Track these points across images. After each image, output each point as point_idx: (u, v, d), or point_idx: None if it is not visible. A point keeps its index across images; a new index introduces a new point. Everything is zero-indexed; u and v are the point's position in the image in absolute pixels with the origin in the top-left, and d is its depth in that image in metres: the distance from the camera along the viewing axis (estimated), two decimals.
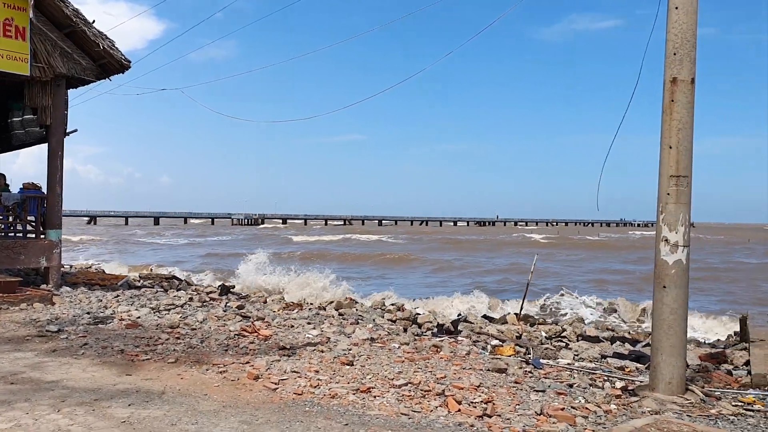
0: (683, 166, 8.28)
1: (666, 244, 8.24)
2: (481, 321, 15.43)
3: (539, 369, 9.50)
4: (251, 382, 7.92)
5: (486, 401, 7.34)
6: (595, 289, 28.96)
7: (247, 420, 6.38)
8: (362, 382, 7.96)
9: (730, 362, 10.81)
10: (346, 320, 13.45)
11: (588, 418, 7.06)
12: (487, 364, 9.45)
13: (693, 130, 8.40)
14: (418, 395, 7.50)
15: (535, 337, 13.44)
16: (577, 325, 15.73)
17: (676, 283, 8.17)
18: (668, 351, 8.11)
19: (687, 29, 8.34)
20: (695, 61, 8.41)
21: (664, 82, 8.45)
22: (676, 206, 8.25)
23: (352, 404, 7.08)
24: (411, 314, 15.71)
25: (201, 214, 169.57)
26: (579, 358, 11.04)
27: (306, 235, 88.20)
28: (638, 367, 10.24)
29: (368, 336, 11.04)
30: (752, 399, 8.20)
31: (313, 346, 10.02)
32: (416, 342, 11.09)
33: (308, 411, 6.76)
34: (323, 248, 60.04)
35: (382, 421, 6.50)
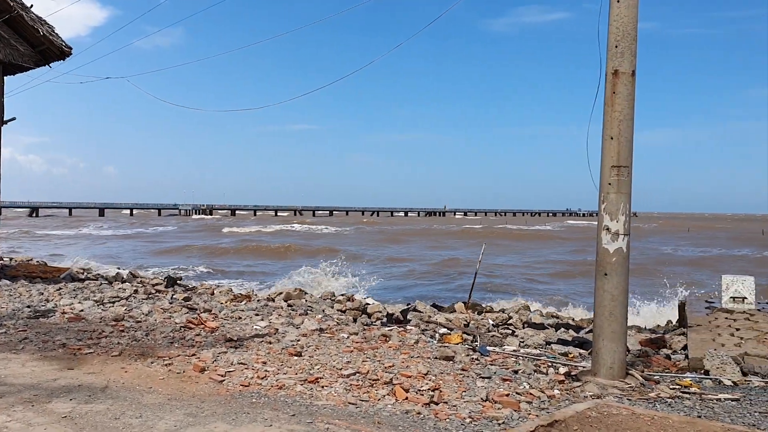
0: (624, 157, 8.49)
1: (607, 233, 8.44)
2: (430, 310, 15.56)
3: (486, 356, 9.65)
4: (197, 374, 7.84)
5: (433, 389, 7.42)
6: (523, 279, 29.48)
7: (192, 412, 6.32)
8: (310, 372, 7.96)
9: (669, 347, 11.18)
10: (294, 311, 13.41)
11: (532, 404, 7.20)
12: (435, 352, 9.54)
13: (633, 121, 8.61)
14: (366, 384, 7.54)
15: (482, 324, 13.64)
16: (523, 313, 16.02)
17: (617, 270, 8.39)
18: (609, 337, 8.33)
19: (628, 22, 8.53)
20: (636, 53, 8.61)
21: (606, 74, 8.64)
22: (617, 196, 8.46)
23: (299, 395, 7.07)
24: (361, 304, 15.74)
25: (148, 204, 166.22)
26: (524, 344, 11.25)
27: (242, 227, 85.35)
28: (581, 352, 10.49)
29: (317, 326, 11.03)
30: (689, 382, 8.50)
31: (261, 338, 9.97)
32: (365, 332, 11.13)
33: (255, 402, 6.73)
34: (250, 240, 56.48)
35: (330, 410, 6.51)
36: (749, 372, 9.04)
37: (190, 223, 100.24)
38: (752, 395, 8.01)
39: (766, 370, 9.02)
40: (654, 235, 71.43)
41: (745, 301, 12.27)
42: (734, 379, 8.67)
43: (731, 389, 8.31)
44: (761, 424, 6.69)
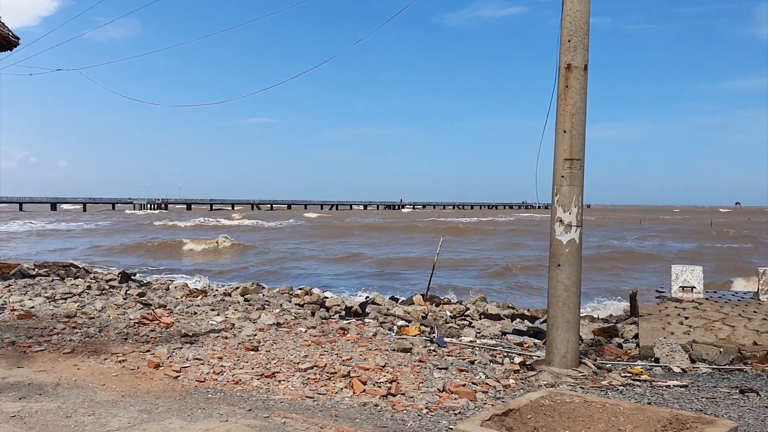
0: (576, 150, 8.64)
1: (560, 225, 8.59)
2: (388, 302, 15.60)
3: (443, 347, 9.73)
4: (152, 370, 7.73)
5: (391, 381, 7.46)
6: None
7: (147, 409, 6.24)
8: (267, 367, 7.92)
9: (621, 336, 11.44)
10: (251, 306, 13.31)
11: (488, 393, 7.31)
12: (392, 344, 9.58)
13: (586, 115, 8.76)
14: (323, 378, 7.54)
15: (440, 316, 13.72)
16: (480, 304, 16.17)
17: (570, 261, 8.54)
18: (563, 326, 8.48)
19: (581, 17, 8.67)
20: (588, 48, 8.76)
21: (559, 68, 8.76)
22: (569, 188, 8.60)
23: (256, 389, 7.04)
24: (319, 298, 15.70)
25: (101, 199, 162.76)
26: (481, 335, 11.37)
27: (181, 221, 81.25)
28: (536, 342, 10.66)
29: (274, 321, 10.98)
30: (640, 370, 8.72)
31: (216, 333, 9.87)
32: (323, 325, 11.12)
33: (211, 398, 6.68)
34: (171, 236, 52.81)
35: (287, 404, 6.49)
36: (697, 359, 9.32)
37: (120, 218, 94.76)
38: (700, 381, 8.27)
39: (713, 357, 9.31)
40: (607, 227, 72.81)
41: (693, 290, 12.61)
42: (683, 367, 8.93)
43: (680, 376, 8.56)
44: (708, 409, 6.91)
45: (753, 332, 9.90)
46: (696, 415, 5.28)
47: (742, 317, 10.77)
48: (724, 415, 6.65)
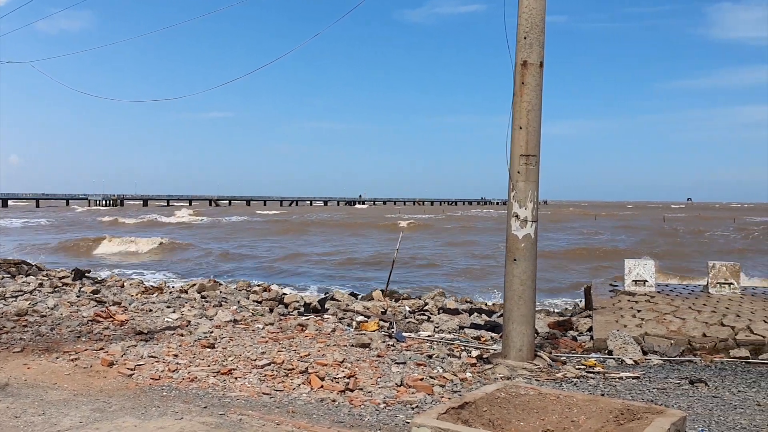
0: (532, 146, 8.74)
1: (516, 220, 8.69)
2: (348, 298, 15.58)
3: (402, 342, 9.77)
4: (105, 368, 7.60)
5: (349, 376, 7.46)
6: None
7: (99, 408, 6.12)
8: (223, 364, 7.85)
9: (576, 329, 11.63)
10: (208, 303, 13.17)
11: (445, 387, 7.36)
12: (351, 340, 9.59)
13: (541, 111, 8.88)
14: (281, 374, 7.50)
15: (399, 311, 13.77)
16: (439, 299, 16.28)
17: (525, 256, 8.65)
18: (518, 320, 8.59)
19: (536, 14, 8.77)
20: (544, 45, 8.87)
21: (515, 65, 8.86)
22: (525, 184, 8.71)
23: (212, 387, 6.97)
24: (278, 295, 15.60)
25: (56, 195, 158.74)
26: (439, 330, 11.45)
27: (132, 217, 78.54)
28: (493, 336, 10.78)
29: (231, 318, 10.88)
30: (593, 362, 8.89)
31: (172, 330, 9.74)
32: (281, 322, 11.06)
33: (165, 396, 6.58)
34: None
35: (243, 401, 6.44)
36: (649, 351, 9.53)
37: (69, 215, 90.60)
38: (651, 373, 8.47)
39: (664, 349, 9.54)
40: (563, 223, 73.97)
41: (646, 284, 12.89)
42: (635, 358, 9.13)
43: (632, 368, 8.75)
44: (658, 400, 7.08)
45: (702, 324, 10.17)
46: (646, 406, 5.40)
47: (692, 310, 11.05)
48: (674, 405, 6.82)
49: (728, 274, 12.81)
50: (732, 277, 12.78)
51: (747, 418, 6.44)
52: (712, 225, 67.63)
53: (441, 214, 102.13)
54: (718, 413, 6.61)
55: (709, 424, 6.20)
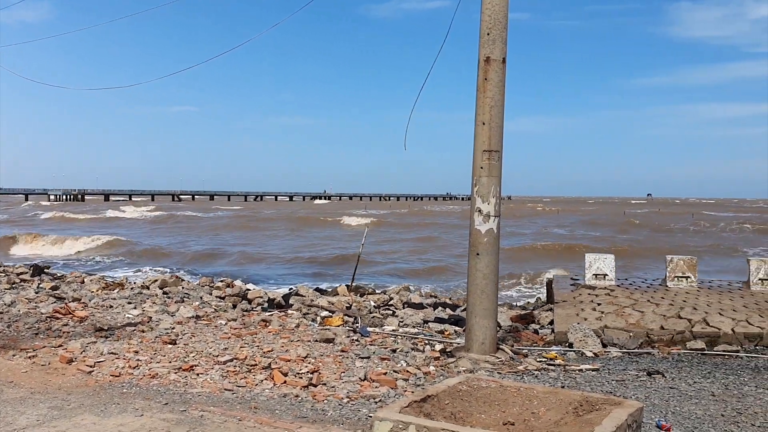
0: (495, 142, 8.82)
1: (479, 215, 8.76)
2: (312, 294, 15.54)
3: (366, 337, 9.79)
4: (64, 366, 7.46)
5: (312, 371, 7.45)
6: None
7: (58, 405, 6.01)
8: (185, 360, 7.77)
9: (538, 322, 11.78)
10: (170, 299, 13.00)
11: (408, 381, 7.39)
12: (315, 335, 9.57)
13: (504, 107, 8.95)
14: (243, 370, 7.45)
15: (364, 306, 13.78)
16: (404, 294, 16.34)
17: (488, 250, 8.73)
18: (481, 314, 8.67)
19: (499, 11, 8.83)
20: (506, 41, 8.93)
21: (479, 61, 8.91)
22: (488, 179, 8.78)
23: (173, 383, 6.89)
24: (241, 290, 15.48)
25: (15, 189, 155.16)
26: (404, 324, 11.49)
27: (83, 212, 75.17)
28: (457, 330, 10.86)
29: (193, 314, 10.77)
30: (554, 355, 9.02)
31: (133, 326, 9.60)
32: (245, 317, 10.99)
33: (126, 393, 6.49)
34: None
35: (205, 398, 6.39)
36: (608, 343, 9.71)
37: (17, 210, 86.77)
38: (610, 365, 8.63)
39: (623, 341, 9.72)
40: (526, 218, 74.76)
41: (606, 277, 13.12)
42: (595, 351, 9.29)
43: (592, 360, 8.90)
44: (617, 391, 7.22)
45: (660, 317, 10.39)
46: (605, 397, 5.50)
47: (651, 303, 11.28)
48: (632, 396, 6.96)
49: (685, 268, 13.10)
50: (689, 271, 13.08)
51: (702, 408, 6.61)
52: (671, 220, 69.03)
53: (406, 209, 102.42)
54: (674, 404, 6.77)
55: (665, 414, 6.34)
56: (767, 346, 9.59)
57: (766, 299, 11.75)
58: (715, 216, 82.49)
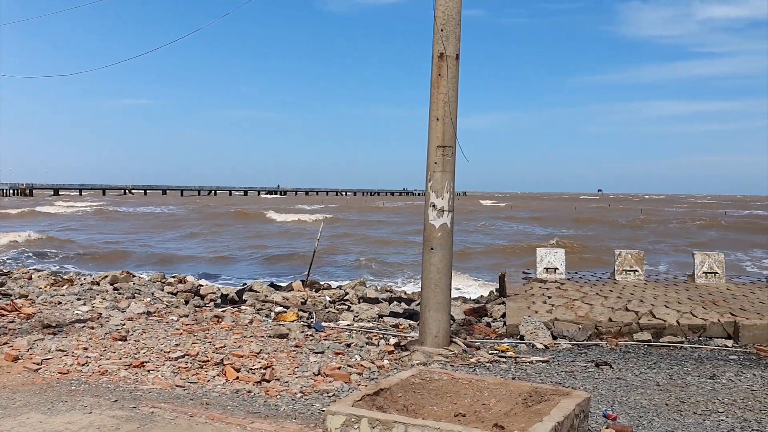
0: (449, 137, 8.90)
1: (433, 210, 8.83)
2: (267, 289, 15.43)
3: (320, 332, 9.78)
4: (10, 363, 7.28)
5: (265, 367, 7.42)
6: None
7: (2, 404, 5.86)
8: (136, 356, 7.65)
9: (490, 315, 11.94)
10: (121, 295, 12.77)
11: (363, 375, 7.43)
12: (269, 330, 9.53)
13: (458, 103, 9.03)
14: (195, 366, 7.38)
15: (319, 301, 13.75)
16: (359, 288, 16.36)
17: (442, 244, 8.81)
18: (435, 307, 8.75)
19: (453, 7, 8.90)
20: (460, 38, 9.02)
21: (433, 57, 8.97)
22: (442, 174, 8.85)
23: (123, 380, 6.78)
24: (193, 286, 15.28)
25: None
26: (359, 318, 11.52)
27: (17, 207, 72.08)
28: (411, 323, 10.94)
29: (145, 310, 10.60)
30: (506, 347, 9.17)
31: (82, 323, 9.41)
32: (197, 313, 10.87)
33: (74, 390, 6.37)
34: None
35: (156, 394, 6.31)
36: (558, 335, 9.91)
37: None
38: (560, 357, 8.81)
39: (572, 333, 9.93)
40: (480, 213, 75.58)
41: (556, 271, 13.38)
42: (545, 343, 9.47)
43: (542, 352, 9.07)
44: (566, 382, 7.38)
45: (608, 309, 10.65)
46: (554, 388, 5.63)
47: (599, 296, 11.55)
48: (580, 387, 7.12)
49: (633, 261, 13.44)
50: (636, 265, 13.42)
51: (647, 398, 6.80)
52: (621, 216, 70.59)
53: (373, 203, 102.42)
54: (621, 394, 6.95)
55: (612, 404, 6.51)
56: (710, 337, 9.91)
57: (709, 292, 12.14)
58: (663, 211, 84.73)
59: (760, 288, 12.71)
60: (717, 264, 13.30)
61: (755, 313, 10.25)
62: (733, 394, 7.01)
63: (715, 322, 10.02)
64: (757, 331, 9.64)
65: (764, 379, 7.69)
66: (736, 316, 10.07)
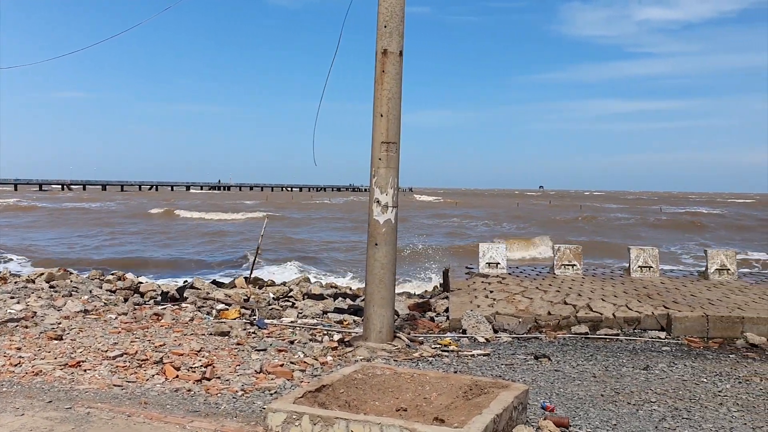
0: (393, 133, 8.94)
1: (377, 205, 8.86)
2: (208, 286, 15.22)
3: (263, 329, 9.71)
4: None
5: (206, 365, 7.33)
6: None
7: None
8: (72, 356, 7.45)
9: (434, 310, 12.06)
10: (57, 293, 12.41)
11: (305, 372, 7.41)
12: (210, 328, 9.41)
13: (401, 99, 9.08)
14: (134, 365, 7.24)
15: (263, 298, 13.64)
16: (304, 285, 16.29)
17: (386, 240, 8.86)
18: (379, 302, 8.79)
19: (396, 3, 8.93)
20: (403, 34, 9.06)
21: (376, 53, 8.99)
22: (386, 170, 8.89)
23: (58, 380, 6.60)
24: (133, 283, 14.96)
25: None
26: (303, 315, 11.48)
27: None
28: (356, 319, 10.96)
29: (82, 308, 10.32)
30: (448, 341, 9.28)
31: (16, 322, 9.10)
32: (136, 311, 10.65)
33: (6, 391, 6.16)
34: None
35: (92, 394, 6.16)
36: (499, 329, 10.08)
37: None
38: (501, 350, 8.97)
39: (513, 327, 10.11)
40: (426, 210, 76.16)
41: (498, 266, 13.59)
42: (486, 337, 9.62)
43: (484, 345, 9.22)
44: (506, 375, 7.52)
45: (548, 303, 10.88)
46: (493, 381, 5.74)
47: (539, 290, 11.79)
48: (519, 379, 7.27)
49: (572, 256, 13.77)
50: (575, 259, 13.75)
51: (584, 389, 6.99)
52: (560, 213, 72.17)
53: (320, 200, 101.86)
54: (558, 386, 7.12)
55: (550, 396, 6.66)
56: (644, 329, 10.23)
57: (644, 285, 12.53)
58: (602, 207, 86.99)
59: (692, 281, 13.19)
60: (651, 258, 13.73)
61: (687, 306, 10.63)
62: (665, 384, 7.27)
63: (649, 314, 10.35)
64: (689, 323, 10.01)
65: (694, 370, 8.00)
66: (668, 309, 10.43)
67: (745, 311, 10.28)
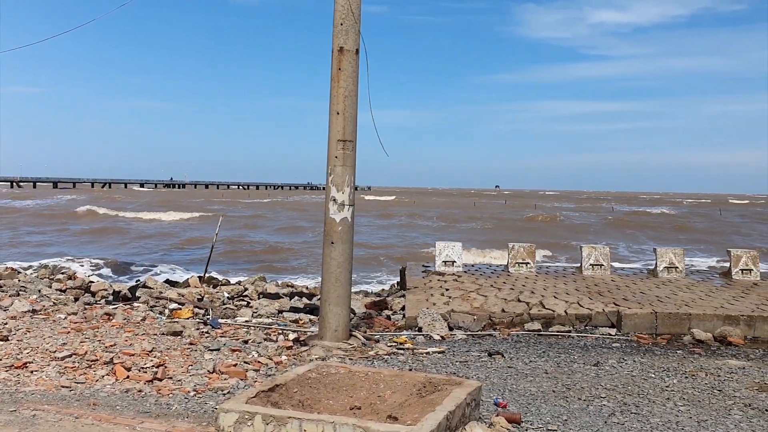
0: (349, 132, 8.92)
1: (334, 204, 8.84)
2: (161, 285, 14.97)
3: (217, 329, 9.59)
4: None
5: (158, 365, 7.21)
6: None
7: None
8: (18, 357, 7.24)
9: (391, 308, 12.09)
10: (4, 292, 12.04)
11: (259, 371, 7.35)
12: (162, 328, 9.25)
13: (358, 98, 9.07)
14: (83, 366, 7.07)
15: (217, 298, 13.48)
16: (259, 284, 16.15)
17: (343, 238, 8.84)
18: (335, 301, 8.78)
19: (352, 2, 8.92)
20: (360, 33, 9.05)
21: (333, 51, 8.97)
22: (342, 168, 8.87)
23: (3, 382, 6.41)
24: (84, 283, 14.62)
25: None
26: (258, 314, 11.37)
27: None
28: (312, 318, 10.92)
29: (30, 308, 10.03)
30: (404, 339, 9.31)
31: None
32: (86, 311, 10.40)
33: None
34: None
35: (39, 396, 6.00)
36: (454, 327, 10.16)
37: None
38: (455, 347, 9.04)
39: (468, 324, 10.21)
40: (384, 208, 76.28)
41: (454, 264, 13.70)
42: (442, 334, 9.69)
43: (439, 343, 9.28)
44: (460, 372, 7.58)
45: (502, 301, 11.02)
46: (447, 378, 5.78)
47: (494, 288, 11.93)
48: (473, 376, 7.34)
49: (525, 254, 13.96)
50: (528, 258, 13.94)
51: (536, 385, 7.10)
52: (516, 211, 73.08)
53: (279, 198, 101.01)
54: (511, 382, 7.22)
55: (503, 392, 6.75)
56: (595, 326, 10.44)
57: (595, 283, 12.79)
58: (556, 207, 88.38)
59: (642, 279, 13.51)
60: (603, 256, 14.02)
61: (636, 303, 10.88)
62: (615, 380, 7.43)
63: (600, 311, 10.56)
64: (638, 320, 10.24)
65: (643, 365, 8.20)
66: (619, 306, 10.66)
67: (692, 308, 10.57)
